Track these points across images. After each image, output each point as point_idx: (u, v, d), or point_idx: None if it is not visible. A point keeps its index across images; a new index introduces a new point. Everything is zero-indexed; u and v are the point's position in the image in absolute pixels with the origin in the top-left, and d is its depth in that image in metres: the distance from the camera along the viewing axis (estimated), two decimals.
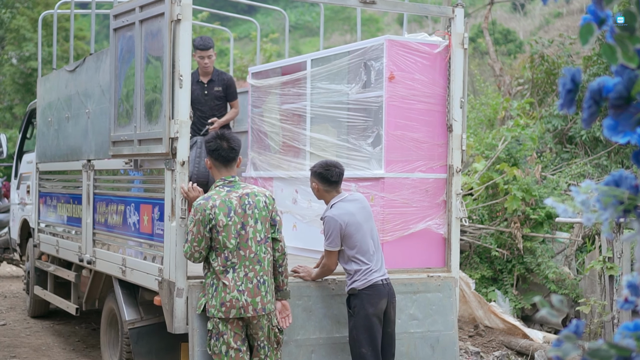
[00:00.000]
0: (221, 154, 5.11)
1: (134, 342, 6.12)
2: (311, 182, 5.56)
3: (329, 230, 5.37)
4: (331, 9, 37.82)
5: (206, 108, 7.86)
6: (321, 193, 5.52)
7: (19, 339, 8.64)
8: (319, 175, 5.47)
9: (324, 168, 5.47)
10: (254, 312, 4.94)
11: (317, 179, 5.48)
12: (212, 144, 5.13)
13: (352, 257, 5.36)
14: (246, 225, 5.00)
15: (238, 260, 4.95)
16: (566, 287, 8.67)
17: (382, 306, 5.35)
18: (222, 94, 7.96)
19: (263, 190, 5.24)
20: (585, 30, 1.74)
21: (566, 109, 1.79)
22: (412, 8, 6.88)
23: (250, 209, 5.02)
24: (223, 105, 8.02)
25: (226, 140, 5.12)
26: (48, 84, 8.83)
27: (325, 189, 5.48)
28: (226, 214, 4.97)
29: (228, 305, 4.92)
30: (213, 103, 7.92)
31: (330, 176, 5.44)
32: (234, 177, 5.15)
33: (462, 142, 6.24)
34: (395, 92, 6.10)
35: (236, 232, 4.97)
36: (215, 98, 7.93)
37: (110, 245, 6.67)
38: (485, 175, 9.57)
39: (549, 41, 12.93)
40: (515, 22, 37.50)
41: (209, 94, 7.90)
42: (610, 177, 1.81)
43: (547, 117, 11.69)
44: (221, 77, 8.02)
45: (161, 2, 5.44)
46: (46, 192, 8.83)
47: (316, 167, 5.52)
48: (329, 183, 5.46)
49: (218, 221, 4.94)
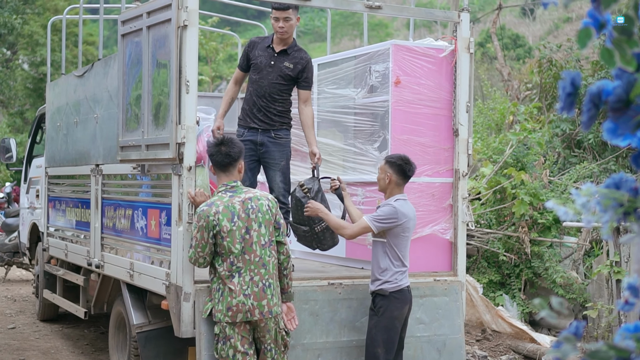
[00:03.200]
0: (216, 159, 5.12)
1: (141, 345, 6.14)
2: (383, 172, 5.45)
3: (386, 214, 5.34)
4: (340, 14, 37.85)
5: (264, 83, 6.11)
6: (391, 185, 5.44)
7: (28, 342, 8.67)
8: (398, 167, 5.41)
9: (404, 161, 5.42)
10: (260, 316, 4.96)
11: (394, 170, 5.40)
12: (210, 148, 5.16)
13: (393, 255, 5.36)
14: (250, 229, 5.01)
15: (243, 264, 4.97)
16: (574, 291, 8.66)
17: (404, 311, 5.40)
18: (291, 74, 6.13)
19: (266, 193, 5.26)
20: (584, 34, 1.75)
21: (566, 112, 1.81)
22: (418, 13, 6.90)
23: (253, 213, 5.04)
24: (286, 90, 6.18)
25: (224, 145, 5.12)
26: (57, 89, 8.87)
27: (397, 182, 5.42)
28: (230, 219, 4.98)
29: (234, 310, 4.94)
30: (275, 79, 6.12)
31: (408, 170, 5.42)
32: (236, 182, 5.17)
33: (469, 146, 6.25)
34: (402, 97, 6.12)
35: (241, 237, 4.99)
36: (280, 75, 6.12)
37: (118, 249, 6.70)
38: (492, 179, 9.57)
39: (558, 46, 12.92)
40: (524, 27, 37.50)
41: (274, 66, 6.14)
42: (610, 180, 1.82)
43: (555, 122, 11.69)
44: (298, 53, 6.20)
45: (168, 9, 5.47)
46: (55, 196, 8.87)
47: (394, 158, 5.45)
48: (404, 177, 5.44)
49: (222, 227, 4.96)
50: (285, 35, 6.09)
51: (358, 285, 5.86)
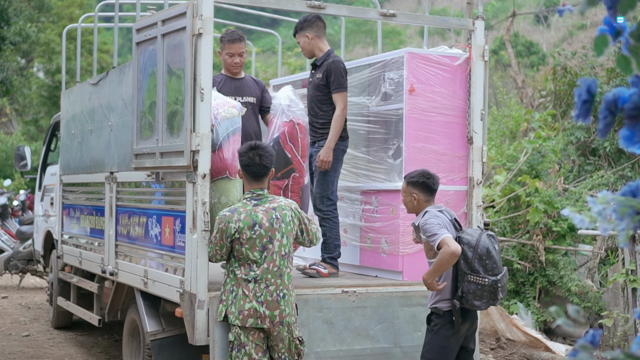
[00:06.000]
0: (252, 169, 5.12)
1: (155, 353, 6.14)
2: (408, 194, 5.13)
3: (432, 222, 4.90)
4: (354, 22, 37.89)
5: (307, 100, 6.52)
6: (421, 204, 5.09)
7: (42, 350, 8.70)
8: (422, 185, 5.09)
9: (425, 177, 5.10)
10: (270, 325, 4.97)
11: (419, 189, 5.08)
12: (245, 158, 5.14)
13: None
14: (273, 239, 5.04)
15: (261, 272, 4.99)
16: (589, 300, 8.61)
17: (463, 330, 5.09)
18: (324, 83, 6.32)
19: (290, 203, 5.24)
20: (600, 41, 1.75)
21: (582, 119, 1.80)
22: (433, 20, 6.89)
23: (277, 223, 5.06)
24: (325, 99, 6.35)
25: (259, 156, 5.11)
26: (72, 97, 8.91)
27: (426, 199, 5.09)
28: (250, 227, 5.01)
29: (246, 314, 4.96)
30: (312, 94, 6.43)
31: (433, 184, 5.10)
32: (263, 190, 5.19)
33: (483, 154, 6.23)
34: (416, 105, 6.11)
35: (261, 246, 5.01)
36: (315, 87, 6.39)
37: (132, 257, 6.72)
38: (507, 187, 9.54)
39: (572, 53, 12.88)
40: (538, 34, 37.40)
41: (312, 82, 6.46)
42: (627, 188, 1.81)
43: (570, 129, 11.64)
44: (326, 60, 6.38)
45: (183, 17, 5.49)
46: (69, 204, 8.90)
47: (415, 177, 5.11)
48: (431, 192, 5.12)
49: (242, 234, 4.99)
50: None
51: (372, 293, 5.84)
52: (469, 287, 4.91)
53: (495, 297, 4.97)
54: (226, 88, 6.47)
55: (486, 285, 4.89)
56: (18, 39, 18.34)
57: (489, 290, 4.91)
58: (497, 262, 4.97)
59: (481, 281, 4.89)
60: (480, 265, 4.90)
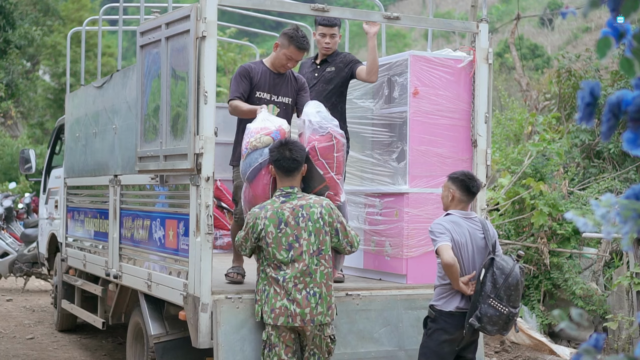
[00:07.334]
0: (282, 164, 5.14)
1: (159, 356, 6.14)
2: (446, 189, 5.22)
3: (437, 227, 5.01)
4: (359, 25, 37.83)
5: (312, 94, 6.23)
6: (454, 202, 5.17)
7: (47, 353, 8.70)
8: (461, 183, 5.16)
9: (468, 177, 5.19)
10: (301, 323, 5.02)
11: (457, 186, 5.16)
12: (275, 153, 5.15)
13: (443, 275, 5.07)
14: (300, 237, 5.07)
15: (290, 270, 5.04)
16: (594, 303, 8.59)
17: (456, 336, 5.08)
18: (334, 76, 6.37)
19: (320, 199, 5.22)
20: (603, 44, 1.74)
21: (585, 122, 1.80)
22: (437, 23, 6.90)
23: (304, 222, 5.08)
24: (335, 91, 6.38)
25: (289, 150, 5.13)
26: (76, 100, 8.93)
27: (460, 199, 5.16)
28: (276, 225, 5.06)
29: (277, 312, 5.02)
30: (321, 87, 6.37)
31: (472, 187, 5.16)
32: (293, 187, 5.21)
33: (487, 157, 6.22)
34: (420, 108, 6.11)
35: (287, 244, 5.06)
36: (326, 82, 6.38)
37: (136, 259, 6.72)
38: (511, 190, 9.53)
39: (577, 56, 12.85)
40: (543, 37, 37.38)
41: (318, 77, 6.45)
42: (631, 191, 1.80)
43: (575, 132, 11.61)
44: (337, 56, 6.48)
45: (187, 20, 5.49)
46: (74, 206, 8.91)
47: (458, 174, 5.22)
48: (468, 194, 5.17)
49: (267, 232, 5.05)
50: (330, 51, 6.43)
51: (376, 296, 5.84)
52: (487, 311, 4.93)
53: (507, 328, 5.03)
54: (263, 82, 5.89)
55: (504, 314, 4.93)
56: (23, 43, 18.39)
57: (505, 320, 4.95)
58: (519, 296, 5.02)
59: (502, 309, 4.93)
60: (506, 295, 4.93)
